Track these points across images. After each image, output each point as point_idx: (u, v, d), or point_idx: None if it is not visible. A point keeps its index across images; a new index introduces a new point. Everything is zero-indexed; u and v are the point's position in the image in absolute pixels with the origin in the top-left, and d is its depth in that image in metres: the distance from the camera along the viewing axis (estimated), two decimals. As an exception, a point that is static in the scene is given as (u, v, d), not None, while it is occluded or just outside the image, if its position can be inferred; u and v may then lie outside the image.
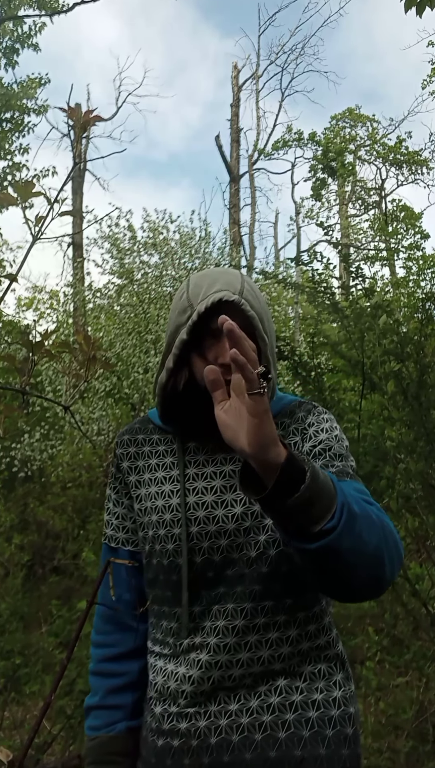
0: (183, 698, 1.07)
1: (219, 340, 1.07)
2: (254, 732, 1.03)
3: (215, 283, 1.09)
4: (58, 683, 1.01)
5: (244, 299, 1.07)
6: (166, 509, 1.12)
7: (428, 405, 3.76)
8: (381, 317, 3.98)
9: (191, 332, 1.08)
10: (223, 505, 1.09)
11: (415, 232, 18.26)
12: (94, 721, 1.18)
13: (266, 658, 1.06)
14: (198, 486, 1.12)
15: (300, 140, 18.29)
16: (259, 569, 1.06)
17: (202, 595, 1.08)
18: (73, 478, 6.73)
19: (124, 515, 1.22)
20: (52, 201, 0.93)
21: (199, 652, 1.07)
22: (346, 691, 1.10)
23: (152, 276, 7.53)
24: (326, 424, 1.15)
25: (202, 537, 1.08)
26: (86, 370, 1.09)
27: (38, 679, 4.03)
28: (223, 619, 1.06)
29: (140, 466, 1.19)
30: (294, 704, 1.05)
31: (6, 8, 10.63)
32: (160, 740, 1.08)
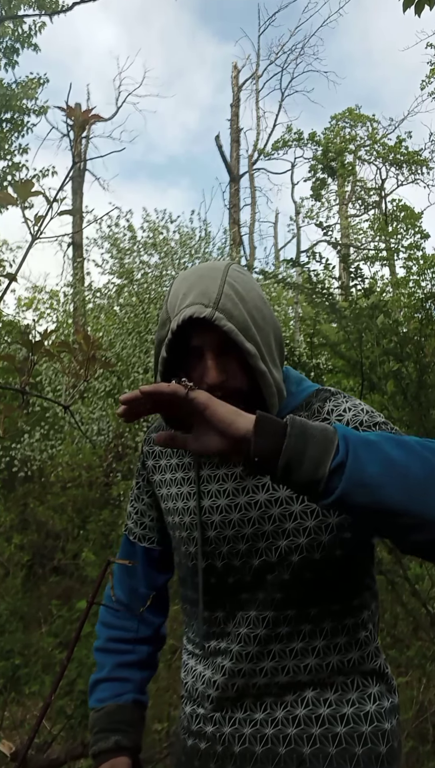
0: (209, 702, 1.06)
1: (200, 359, 1.01)
2: (278, 745, 1.00)
3: (190, 292, 0.99)
4: (58, 683, 1.01)
5: (218, 312, 0.96)
6: (185, 512, 1.10)
7: (428, 405, 3.76)
8: (378, 317, 3.99)
9: (170, 350, 1.02)
10: (238, 509, 1.04)
11: (415, 232, 18.26)
12: (102, 694, 1.18)
13: (291, 668, 1.01)
14: (212, 489, 1.08)
15: (300, 140, 18.30)
16: (280, 576, 1.01)
17: (225, 600, 1.06)
18: (72, 478, 6.73)
19: (143, 511, 1.21)
20: (52, 200, 0.93)
21: (223, 657, 1.05)
22: (381, 705, 1.03)
23: (152, 276, 7.53)
24: (346, 404, 1.04)
25: (221, 541, 1.05)
26: (86, 370, 1.09)
27: (38, 679, 4.03)
28: (245, 627, 1.03)
29: (163, 465, 1.17)
30: (321, 718, 1.00)
31: (5, 8, 10.63)
32: (189, 740, 1.09)
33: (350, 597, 1.04)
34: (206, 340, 1.00)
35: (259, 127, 16.64)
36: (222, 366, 1.00)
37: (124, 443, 6.71)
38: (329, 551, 0.99)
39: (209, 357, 1.00)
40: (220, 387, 0.99)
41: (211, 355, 1.00)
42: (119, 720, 1.14)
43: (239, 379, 1.01)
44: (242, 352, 0.98)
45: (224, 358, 1.01)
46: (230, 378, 1.01)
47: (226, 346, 0.99)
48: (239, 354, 0.99)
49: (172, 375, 1.05)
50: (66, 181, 1.18)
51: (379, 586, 1.16)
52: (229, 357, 1.01)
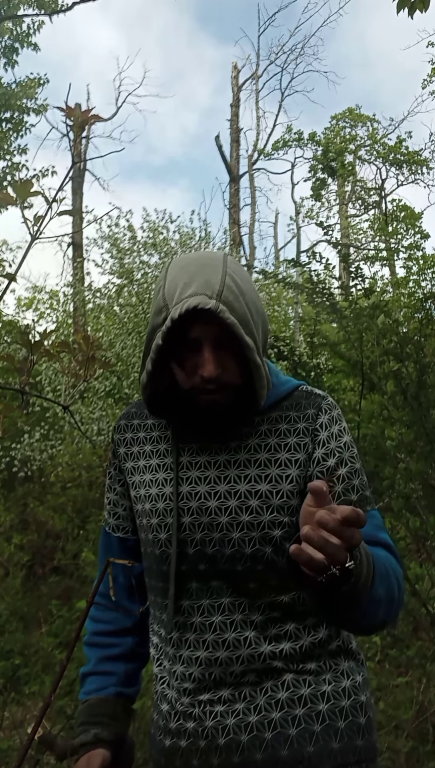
0: (186, 695, 1.05)
1: (197, 352, 1.01)
2: (264, 731, 1.00)
3: (192, 282, 0.99)
4: (58, 683, 1.01)
5: (222, 304, 0.97)
6: (160, 498, 1.09)
7: (428, 405, 3.76)
8: (379, 317, 3.99)
9: (166, 339, 1.00)
10: (217, 497, 1.05)
11: (415, 232, 18.26)
12: (88, 687, 1.19)
13: (267, 654, 1.02)
14: (191, 475, 1.07)
15: (300, 140, 18.29)
16: (254, 566, 1.02)
17: (192, 588, 1.05)
18: (72, 478, 6.72)
19: (115, 501, 1.21)
20: (51, 200, 0.93)
21: (195, 648, 1.04)
22: (355, 680, 1.07)
23: (152, 276, 7.53)
24: (337, 427, 1.09)
25: (195, 528, 1.05)
26: (85, 370, 1.09)
27: (38, 679, 4.03)
28: (219, 614, 1.03)
29: (135, 452, 1.16)
30: (303, 698, 1.02)
31: (5, 7, 10.63)
32: (167, 740, 1.06)
33: None
34: (206, 332, 1.00)
35: (259, 127, 16.64)
36: (219, 359, 1.01)
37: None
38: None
39: (207, 350, 1.00)
40: (215, 380, 1.01)
41: (209, 347, 1.00)
42: (100, 713, 1.14)
43: (234, 373, 1.03)
44: (239, 346, 1.00)
45: (221, 351, 1.01)
46: (226, 372, 1.02)
47: (224, 339, 1.00)
48: (236, 348, 1.01)
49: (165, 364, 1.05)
50: (65, 181, 1.18)
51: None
52: (226, 350, 1.02)
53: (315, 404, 1.09)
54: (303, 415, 1.08)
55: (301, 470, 1.05)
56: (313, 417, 1.08)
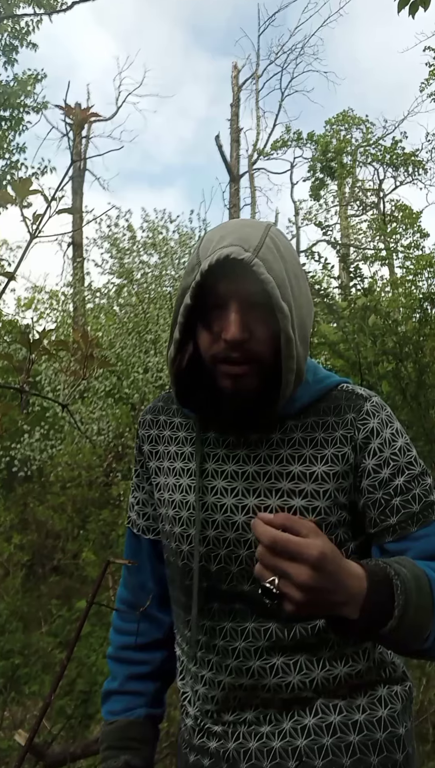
0: (208, 717, 0.98)
1: (224, 310, 0.90)
2: (287, 759, 0.91)
3: (229, 235, 0.89)
4: (58, 683, 1.01)
5: (258, 258, 0.86)
6: (183, 506, 1.00)
7: (427, 405, 3.76)
8: (370, 317, 4.00)
9: (196, 296, 0.90)
10: (244, 511, 0.95)
11: (414, 231, 18.26)
12: (114, 706, 1.11)
13: (296, 684, 0.93)
14: (217, 485, 0.98)
15: (299, 140, 18.29)
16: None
17: (214, 608, 0.97)
18: (72, 477, 6.73)
19: (145, 501, 1.11)
20: (50, 199, 0.93)
21: (217, 672, 0.96)
22: (394, 708, 0.96)
23: (152, 276, 7.53)
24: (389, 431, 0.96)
25: (220, 543, 0.96)
26: (84, 369, 1.09)
27: (38, 679, 4.03)
28: (242, 640, 0.94)
29: (160, 452, 1.07)
30: (332, 726, 0.92)
31: (4, 6, 10.63)
32: (191, 755, 1.00)
33: None
34: (236, 289, 0.89)
35: (259, 127, 16.64)
36: (247, 323, 0.89)
37: (124, 443, 6.71)
38: None
39: (234, 309, 0.89)
40: (239, 347, 0.89)
41: (236, 307, 0.89)
42: (130, 737, 1.08)
43: (263, 344, 0.90)
44: (272, 315, 0.88)
45: (251, 315, 0.90)
46: (253, 340, 0.90)
47: (256, 301, 0.89)
48: (268, 316, 0.88)
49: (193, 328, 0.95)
50: (65, 180, 1.18)
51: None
52: (257, 317, 0.90)
53: (356, 407, 0.97)
54: (342, 420, 0.96)
55: (340, 483, 0.94)
56: (353, 423, 0.96)
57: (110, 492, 6.38)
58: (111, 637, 1.17)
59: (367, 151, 18.33)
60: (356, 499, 0.96)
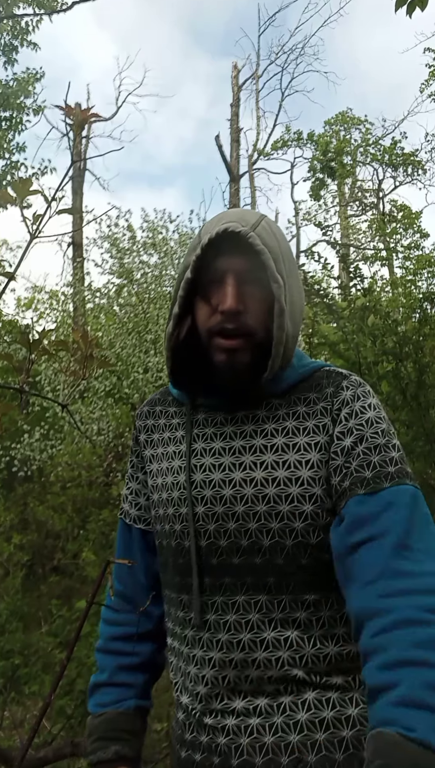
0: (199, 701, 0.98)
1: (222, 284, 0.96)
2: (280, 754, 0.91)
3: (227, 216, 0.98)
4: (58, 683, 1.01)
5: (254, 233, 0.94)
6: (174, 486, 1.03)
7: (427, 405, 3.76)
8: (369, 318, 4.00)
9: (196, 269, 0.97)
10: (231, 485, 0.97)
11: (414, 231, 18.26)
12: (102, 698, 1.11)
13: (286, 660, 0.93)
14: (205, 462, 1.00)
15: (299, 140, 18.29)
16: (273, 560, 0.94)
17: (205, 583, 0.98)
18: (72, 477, 6.73)
19: (138, 491, 1.14)
20: (50, 199, 0.93)
21: (208, 649, 0.97)
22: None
23: (152, 276, 7.54)
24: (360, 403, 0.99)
25: (209, 518, 0.98)
26: (84, 369, 1.09)
27: (38, 679, 4.03)
28: (233, 613, 0.95)
29: (155, 440, 1.11)
30: (325, 722, 0.92)
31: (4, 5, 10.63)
32: (182, 751, 1.00)
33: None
34: (233, 263, 0.96)
35: (259, 127, 16.64)
36: (242, 295, 0.96)
37: (124, 443, 6.71)
38: (326, 536, 0.94)
39: (230, 282, 0.96)
40: (235, 318, 0.95)
41: (232, 279, 0.96)
42: (120, 728, 1.08)
43: (256, 317, 0.97)
44: (268, 288, 0.94)
45: (246, 289, 0.96)
46: (248, 313, 0.96)
47: (251, 276, 0.96)
48: (262, 292, 0.95)
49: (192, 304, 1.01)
50: (65, 180, 1.18)
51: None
52: (252, 291, 0.96)
53: (335, 383, 1.01)
54: (322, 395, 1.00)
55: (323, 454, 0.96)
56: (331, 395, 0.99)
57: (110, 492, 6.38)
58: (100, 630, 1.18)
59: (366, 151, 18.33)
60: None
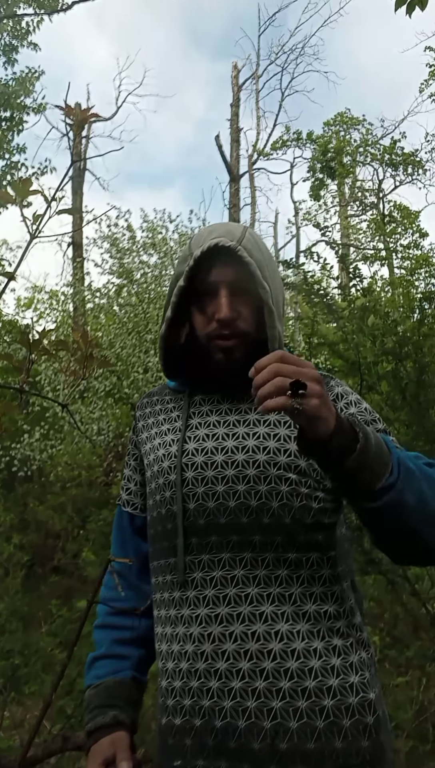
0: (185, 660, 1.00)
1: (215, 295, 1.08)
2: (263, 719, 0.94)
3: (216, 231, 1.10)
4: (58, 683, 1.01)
5: (241, 246, 1.06)
6: (166, 457, 1.09)
7: (427, 405, 3.76)
8: (369, 318, 4.00)
9: (189, 279, 1.09)
10: (224, 451, 1.05)
11: (413, 231, 18.25)
12: (99, 671, 1.15)
13: (269, 614, 0.98)
14: (199, 434, 1.09)
15: (299, 140, 18.28)
16: (259, 519, 1.00)
17: (192, 543, 1.03)
18: (72, 477, 6.72)
19: (129, 477, 1.23)
20: (50, 199, 0.93)
21: (195, 606, 1.01)
22: (364, 675, 1.00)
23: (151, 276, 7.54)
24: (351, 396, 1.14)
25: (198, 482, 1.04)
26: (84, 368, 1.09)
27: (38, 679, 4.03)
28: (219, 569, 1.00)
29: (150, 423, 1.19)
30: (307, 691, 0.96)
31: (4, 5, 10.63)
32: (163, 718, 1.02)
33: (327, 547, 1.04)
34: (224, 275, 1.07)
35: (259, 127, 16.64)
36: (234, 304, 1.07)
37: (124, 443, 6.71)
38: (307, 502, 1.02)
39: (223, 293, 1.07)
40: (229, 325, 1.07)
41: (225, 291, 1.07)
42: (117, 695, 1.10)
43: (249, 321, 1.09)
44: (256, 294, 1.06)
45: (237, 298, 1.08)
46: (240, 318, 1.08)
47: (241, 286, 1.07)
48: (251, 299, 1.07)
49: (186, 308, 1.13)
50: (65, 180, 1.18)
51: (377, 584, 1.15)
52: (242, 299, 1.08)
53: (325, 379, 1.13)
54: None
55: None
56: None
57: (110, 492, 6.38)
58: (98, 609, 1.22)
59: (366, 150, 18.32)
60: None
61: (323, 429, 0.83)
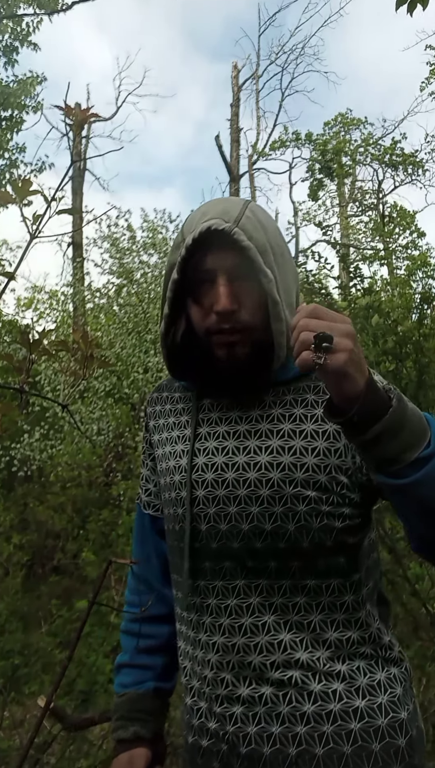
0: (206, 685, 0.98)
1: (212, 284, 0.95)
2: (288, 745, 0.91)
3: (210, 211, 0.96)
4: (58, 683, 1.01)
5: (238, 228, 0.92)
6: (176, 470, 1.02)
7: (427, 405, 3.76)
8: (373, 317, 4.00)
9: (182, 270, 0.96)
10: (234, 468, 0.96)
11: (411, 232, 18.25)
12: (124, 679, 1.15)
13: (287, 643, 0.93)
14: (209, 446, 1.00)
15: (298, 140, 18.27)
16: (274, 544, 0.93)
17: (206, 567, 0.98)
18: (72, 477, 6.72)
19: (147, 477, 1.17)
20: (50, 200, 0.93)
21: (211, 633, 0.97)
22: (394, 693, 0.95)
23: (151, 276, 7.54)
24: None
25: (209, 502, 0.97)
26: (84, 369, 1.09)
27: (38, 679, 4.03)
28: (234, 598, 0.95)
29: (161, 425, 1.11)
30: (332, 714, 0.91)
31: (4, 5, 10.63)
32: (190, 736, 1.01)
33: (350, 571, 0.97)
34: (220, 261, 0.94)
35: (259, 127, 16.64)
36: (234, 294, 0.94)
37: (124, 443, 6.71)
38: (329, 522, 0.93)
39: (221, 282, 0.94)
40: (230, 317, 0.94)
41: (223, 279, 0.94)
42: (139, 708, 1.11)
43: (252, 312, 0.95)
44: (258, 282, 0.92)
45: (238, 286, 0.94)
46: (242, 309, 0.95)
47: (241, 272, 0.94)
48: (254, 286, 0.93)
49: (182, 304, 1.00)
50: (65, 181, 1.18)
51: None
52: (243, 287, 0.95)
53: None
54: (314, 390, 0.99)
55: (330, 443, 0.95)
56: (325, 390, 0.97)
57: (110, 492, 6.38)
58: (124, 612, 1.22)
59: (367, 150, 18.32)
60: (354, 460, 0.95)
61: (350, 389, 0.74)
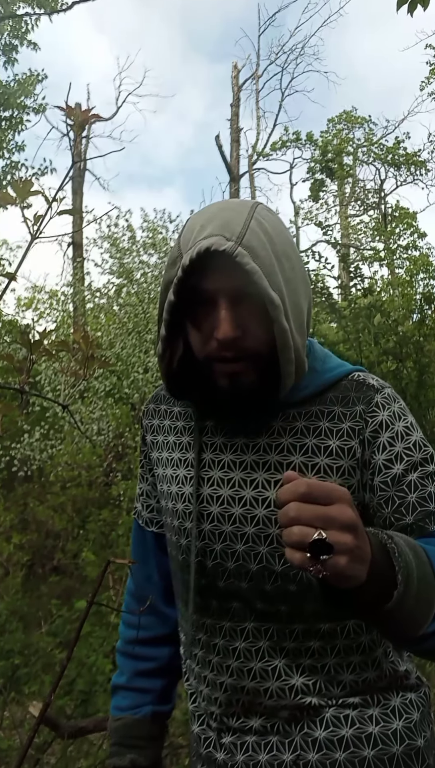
0: (214, 720, 0.94)
1: (213, 307, 0.85)
2: None
3: (209, 223, 0.84)
4: (58, 683, 1.01)
5: (241, 247, 0.80)
6: (179, 498, 0.96)
7: (427, 405, 3.76)
8: (375, 317, 4.00)
9: (178, 292, 0.85)
10: (241, 503, 0.90)
11: (412, 232, 18.25)
12: (121, 702, 1.11)
13: (299, 687, 0.88)
14: (214, 476, 0.93)
15: (298, 140, 18.27)
16: (285, 586, 0.88)
17: (212, 606, 0.93)
18: (72, 477, 6.72)
19: (148, 492, 1.09)
20: (51, 200, 0.93)
21: (218, 673, 0.92)
22: (410, 719, 0.90)
23: (152, 276, 7.54)
24: (402, 424, 0.90)
25: (215, 537, 0.91)
26: (84, 369, 1.09)
27: (38, 679, 4.02)
28: (243, 641, 0.90)
29: (160, 442, 1.03)
30: (344, 740, 0.87)
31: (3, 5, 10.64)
32: (198, 764, 0.98)
33: None
34: (222, 283, 0.84)
35: (259, 127, 16.64)
36: (238, 319, 0.84)
37: (124, 443, 6.71)
38: None
39: (223, 306, 0.84)
40: (233, 345, 0.84)
41: (225, 303, 0.84)
42: (135, 735, 1.07)
43: (257, 339, 0.85)
44: (264, 306, 0.82)
45: (242, 309, 0.85)
46: (247, 336, 0.85)
47: (245, 293, 0.84)
48: (260, 308, 0.83)
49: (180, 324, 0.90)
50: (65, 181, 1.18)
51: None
52: (248, 310, 0.85)
53: (366, 399, 0.90)
54: (350, 412, 0.90)
55: (345, 479, 0.88)
56: (361, 415, 0.89)
57: (110, 492, 6.38)
58: (120, 631, 1.17)
59: (369, 150, 18.32)
60: (367, 498, 0.90)
61: (351, 583, 0.65)
